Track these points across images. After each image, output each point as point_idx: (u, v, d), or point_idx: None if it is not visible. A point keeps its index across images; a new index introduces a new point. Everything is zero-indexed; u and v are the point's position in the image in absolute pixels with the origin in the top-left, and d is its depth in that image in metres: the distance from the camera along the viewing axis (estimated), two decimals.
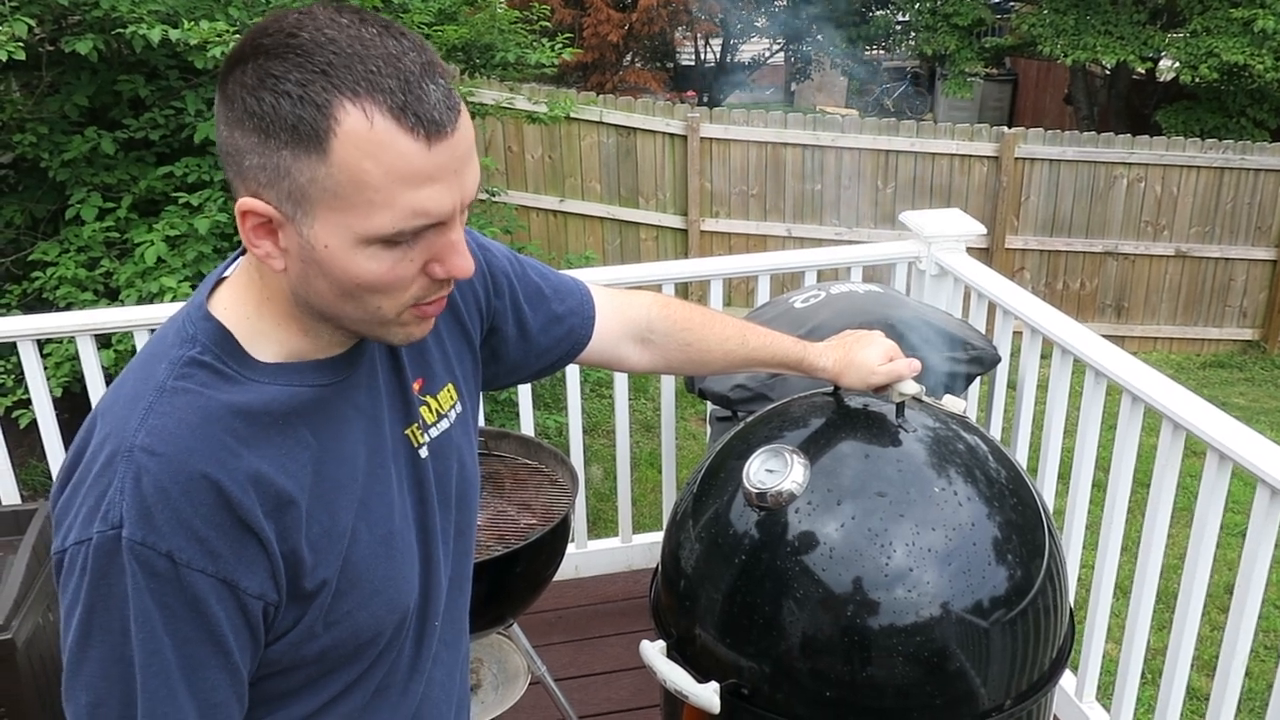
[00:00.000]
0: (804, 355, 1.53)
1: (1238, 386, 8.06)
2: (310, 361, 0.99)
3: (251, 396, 0.95)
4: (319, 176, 0.87)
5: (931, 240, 2.92)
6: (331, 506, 0.98)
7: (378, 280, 0.91)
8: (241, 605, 0.93)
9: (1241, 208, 8.37)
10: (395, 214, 0.88)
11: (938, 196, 8.44)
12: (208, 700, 0.94)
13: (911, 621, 1.47)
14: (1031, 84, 15.19)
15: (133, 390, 0.95)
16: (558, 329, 1.30)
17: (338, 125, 0.85)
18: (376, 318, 0.95)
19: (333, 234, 0.89)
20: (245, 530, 0.92)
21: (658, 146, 8.42)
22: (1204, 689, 4.09)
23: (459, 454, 1.15)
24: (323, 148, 0.86)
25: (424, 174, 0.88)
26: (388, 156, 0.86)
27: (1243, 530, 2.01)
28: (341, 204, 0.88)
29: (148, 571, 0.89)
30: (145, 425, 0.91)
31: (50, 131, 4.44)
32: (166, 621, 0.90)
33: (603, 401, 6.40)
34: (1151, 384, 2.17)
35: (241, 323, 0.98)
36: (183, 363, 0.94)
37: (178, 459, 0.90)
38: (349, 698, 1.06)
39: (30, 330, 2.60)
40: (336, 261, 0.90)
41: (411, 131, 0.86)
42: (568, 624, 2.97)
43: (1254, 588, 1.98)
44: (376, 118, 0.85)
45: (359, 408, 1.02)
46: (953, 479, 1.57)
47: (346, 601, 1.00)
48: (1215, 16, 9.76)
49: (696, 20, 12.16)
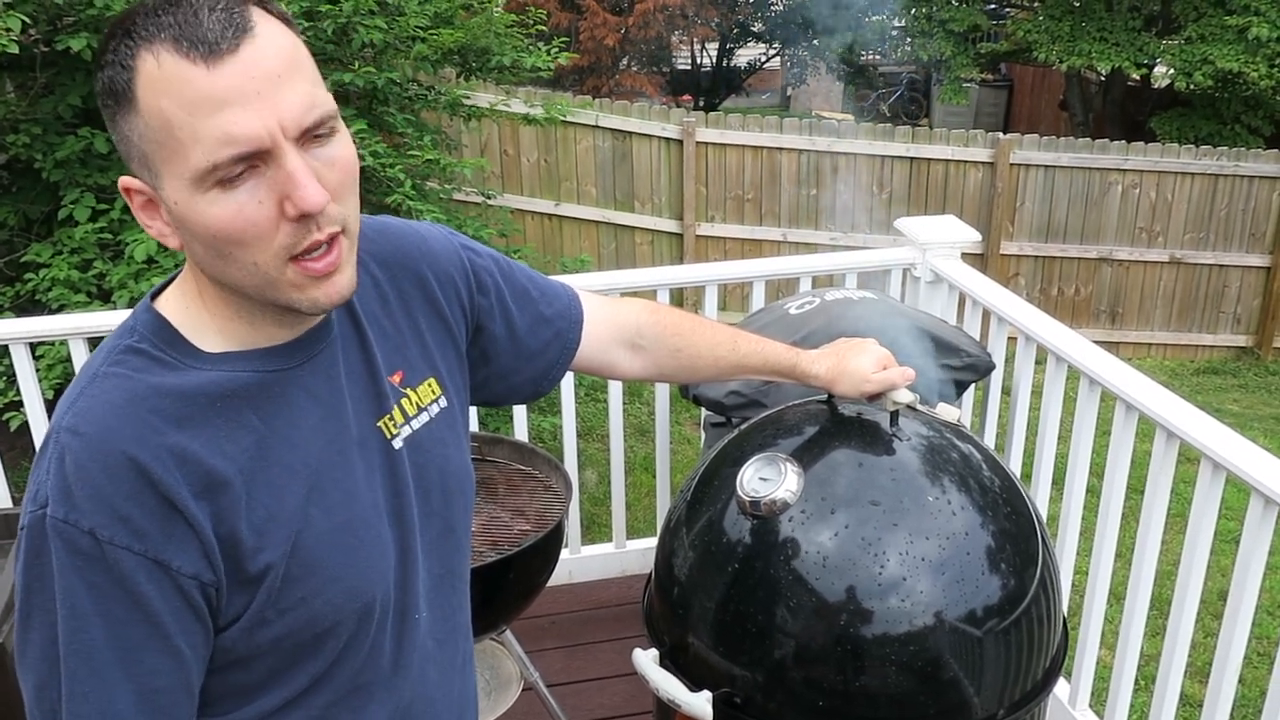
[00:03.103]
0: (796, 362, 1.52)
1: (1231, 393, 8.07)
2: (256, 350, 1.00)
3: (187, 380, 0.96)
4: (140, 129, 0.89)
5: (926, 247, 2.92)
6: (278, 490, 0.98)
7: (229, 227, 0.90)
8: (177, 585, 0.92)
9: (1236, 214, 8.39)
10: (204, 147, 0.87)
11: (933, 202, 8.45)
12: (147, 685, 0.93)
13: (905, 630, 1.47)
14: (1027, 90, 15.23)
15: (75, 381, 0.98)
16: (546, 330, 1.29)
17: (136, 74, 0.88)
18: (261, 277, 0.93)
19: (175, 187, 0.90)
20: (171, 509, 0.92)
21: (653, 151, 8.42)
22: (1197, 695, 4.09)
23: (442, 447, 1.14)
24: (132, 100, 0.89)
25: (215, 98, 0.87)
26: (176, 87, 0.87)
27: (1236, 537, 2.01)
28: (166, 153, 0.89)
29: (71, 549, 0.90)
30: (74, 408, 0.93)
31: (44, 132, 4.43)
32: (95, 601, 0.91)
33: (597, 406, 6.40)
34: (1145, 391, 2.18)
35: (184, 315, 0.99)
36: (119, 350, 0.97)
37: (98, 437, 0.91)
38: (319, 692, 1.05)
39: (22, 333, 2.59)
40: (189, 216, 0.91)
41: (189, 57, 0.87)
42: (561, 630, 2.96)
43: (1247, 594, 1.98)
44: (163, 55, 0.87)
45: (315, 396, 1.03)
46: (946, 488, 1.56)
47: (300, 587, 0.99)
48: (1210, 24, 9.79)
49: (693, 25, 12.16)
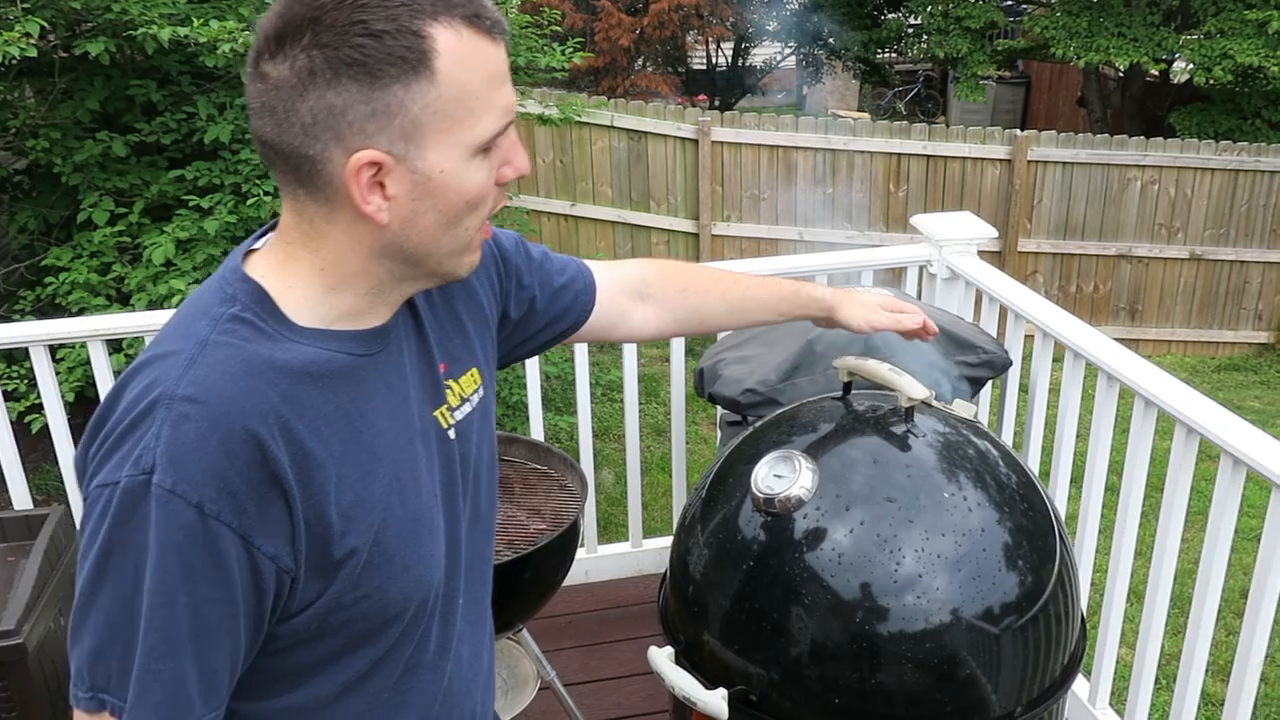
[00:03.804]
0: (799, 287, 1.52)
1: (1253, 390, 8.01)
2: (347, 330, 1.00)
3: (291, 355, 0.95)
4: (431, 100, 0.92)
5: (943, 244, 2.91)
6: (365, 476, 0.98)
7: (481, 191, 0.98)
8: (255, 565, 0.91)
9: (1256, 210, 8.32)
10: (493, 115, 0.96)
11: (950, 200, 8.42)
12: (210, 666, 0.93)
13: (921, 628, 1.46)
14: (1044, 86, 15.14)
15: (173, 345, 0.94)
16: (564, 298, 1.33)
17: (435, 45, 0.91)
18: (463, 242, 1.00)
19: (446, 156, 0.94)
20: (274, 487, 0.91)
21: (669, 150, 8.42)
22: (1219, 695, 4.06)
23: (479, 437, 1.16)
24: (430, 69, 0.91)
25: (502, 73, 0.97)
26: (478, 61, 0.93)
27: (1258, 534, 1.99)
28: (450, 122, 0.93)
29: (174, 521, 0.88)
30: (188, 376, 0.91)
31: (63, 137, 4.46)
32: (186, 577, 0.89)
33: (614, 405, 6.40)
34: (1164, 388, 2.16)
35: (278, 288, 0.98)
36: (225, 319, 0.95)
37: (219, 408, 0.90)
38: (374, 676, 1.05)
39: (41, 336, 2.60)
40: (451, 182, 0.95)
41: (489, 35, 0.94)
42: (578, 629, 2.96)
43: (1269, 592, 1.96)
44: (462, 30, 0.92)
45: (389, 384, 1.04)
46: (963, 484, 1.55)
47: (378, 575, 0.99)
48: (1230, 18, 9.71)
49: (708, 24, 12.15)
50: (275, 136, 0.93)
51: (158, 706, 0.91)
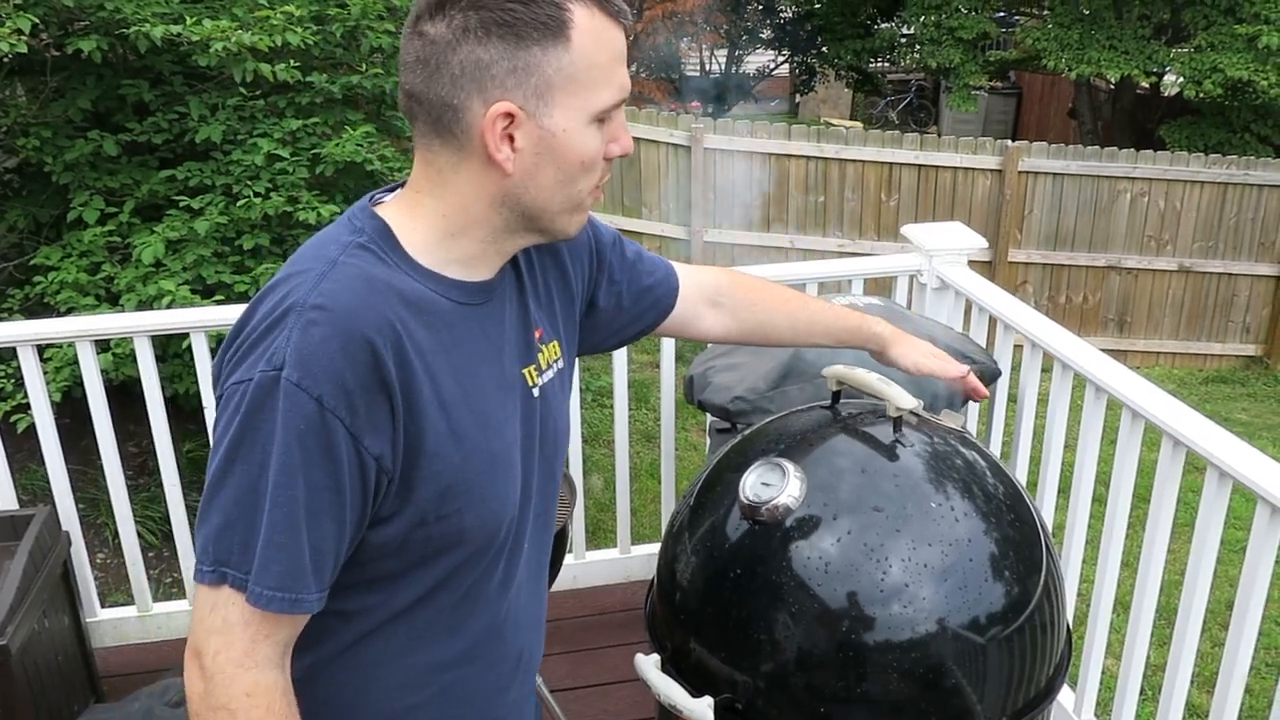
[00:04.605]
0: (863, 321, 1.66)
1: (1240, 402, 8.04)
2: (457, 280, 1.11)
3: (406, 285, 1.07)
4: (564, 64, 1.04)
5: (933, 253, 2.91)
6: (460, 408, 1.09)
7: (594, 155, 1.09)
8: (361, 461, 1.02)
9: (1245, 223, 8.37)
10: (611, 90, 1.08)
11: (941, 209, 8.44)
12: (318, 548, 1.03)
13: (907, 637, 1.46)
14: (1036, 98, 15.22)
15: (306, 265, 1.06)
16: (649, 298, 1.44)
17: (572, 18, 1.04)
18: (574, 201, 1.12)
19: (570, 117, 1.06)
20: (383, 393, 1.02)
21: (661, 157, 8.43)
22: (1204, 706, 4.07)
23: (558, 404, 1.27)
24: (567, 37, 1.04)
25: (621, 54, 1.09)
26: (606, 38, 1.06)
27: (1243, 546, 2.00)
28: (576, 87, 1.05)
29: (298, 411, 0.99)
30: (319, 288, 1.02)
31: (54, 135, 4.44)
32: (304, 461, 1.00)
33: (604, 411, 6.39)
34: (1151, 400, 2.17)
35: (404, 228, 1.10)
36: (353, 246, 1.07)
37: (344, 315, 1.01)
38: (442, 593, 1.15)
39: (30, 335, 2.59)
40: (571, 142, 1.07)
41: (615, 19, 1.07)
42: (565, 635, 2.96)
43: (1254, 604, 1.97)
44: (595, 10, 1.05)
45: (487, 335, 1.15)
46: (950, 494, 1.56)
47: (458, 500, 1.09)
48: (1220, 32, 9.77)
49: (701, 31, 12.18)
50: (424, 87, 1.05)
51: (280, 575, 1.01)
